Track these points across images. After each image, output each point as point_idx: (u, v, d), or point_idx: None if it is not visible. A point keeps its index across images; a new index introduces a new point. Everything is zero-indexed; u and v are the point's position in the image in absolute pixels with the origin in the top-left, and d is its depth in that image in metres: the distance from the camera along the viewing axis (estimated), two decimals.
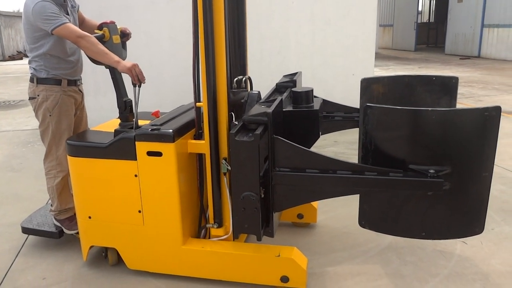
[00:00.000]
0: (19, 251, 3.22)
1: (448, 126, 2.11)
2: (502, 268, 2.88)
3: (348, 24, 6.65)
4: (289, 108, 2.77)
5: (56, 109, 2.93)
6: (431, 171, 2.18)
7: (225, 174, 2.69)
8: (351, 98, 6.99)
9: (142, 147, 2.58)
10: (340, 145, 5.64)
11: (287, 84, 3.07)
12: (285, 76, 3.27)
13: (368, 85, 3.00)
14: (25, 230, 3.22)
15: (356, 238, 3.27)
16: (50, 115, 2.93)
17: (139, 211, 2.70)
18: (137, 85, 2.69)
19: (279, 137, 2.44)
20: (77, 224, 2.96)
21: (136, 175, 2.63)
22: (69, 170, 2.84)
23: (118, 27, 3.01)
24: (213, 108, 2.55)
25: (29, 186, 4.48)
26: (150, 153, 2.57)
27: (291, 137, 2.51)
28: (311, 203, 3.33)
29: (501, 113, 2.10)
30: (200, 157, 2.80)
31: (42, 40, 2.83)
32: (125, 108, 2.89)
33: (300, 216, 3.36)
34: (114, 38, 2.92)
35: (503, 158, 4.93)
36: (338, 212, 3.69)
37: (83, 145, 2.74)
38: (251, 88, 3.05)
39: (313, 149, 2.38)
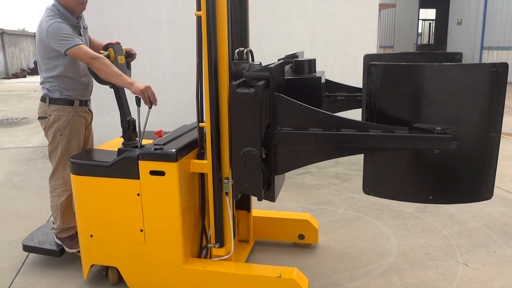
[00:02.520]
0: (20, 269, 3.20)
1: (454, 81, 2.05)
2: None
3: (348, 46, 6.72)
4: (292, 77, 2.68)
5: (67, 129, 2.96)
6: (438, 128, 2.10)
7: (227, 194, 2.70)
8: (351, 117, 7.04)
9: (145, 166, 2.60)
10: (341, 166, 5.65)
11: (290, 60, 3.00)
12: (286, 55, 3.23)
13: (371, 62, 2.96)
14: (26, 248, 3.21)
15: (358, 259, 3.26)
16: (61, 135, 2.95)
17: (141, 230, 2.70)
18: (148, 107, 2.71)
19: (281, 95, 2.37)
20: (78, 242, 2.96)
21: (138, 194, 2.65)
22: (72, 188, 2.85)
23: (123, 47, 3.06)
24: (215, 129, 2.57)
25: (30, 204, 4.48)
26: (153, 172, 2.59)
27: None
28: (312, 223, 3.33)
29: (501, 135, 2.12)
30: (202, 176, 2.82)
31: (56, 61, 2.87)
32: (129, 127, 2.92)
33: (301, 236, 3.35)
34: (119, 59, 2.96)
35: (504, 180, 4.94)
36: (339, 233, 3.69)
37: (86, 163, 2.76)
38: (253, 60, 3.03)
39: (312, 168, 2.39)
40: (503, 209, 4.14)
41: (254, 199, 3.39)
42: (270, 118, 2.41)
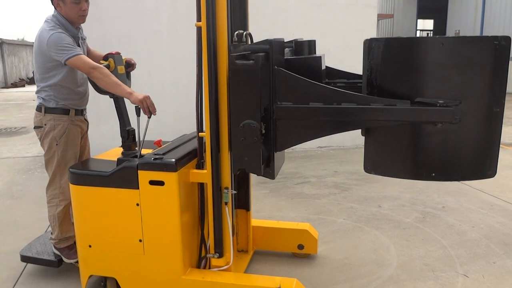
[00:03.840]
0: (17, 280, 3.18)
1: (456, 54, 2.03)
2: None
3: (347, 56, 6.74)
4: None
5: (63, 138, 2.95)
6: (440, 101, 2.08)
7: (226, 204, 2.69)
8: None
9: (144, 176, 2.59)
10: (340, 175, 5.65)
11: (289, 44, 2.95)
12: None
13: (371, 46, 2.95)
14: (24, 259, 3.19)
15: (357, 270, 3.24)
16: (56, 144, 2.95)
17: (140, 240, 2.69)
18: (147, 116, 2.71)
19: (281, 68, 2.34)
20: (76, 253, 2.95)
21: (137, 204, 2.64)
22: (71, 198, 2.84)
23: (123, 57, 3.07)
24: (215, 138, 2.57)
25: (29, 214, 4.46)
26: (152, 182, 2.59)
27: None
28: (311, 233, 3.32)
29: (501, 145, 2.12)
30: (202, 186, 2.81)
31: (54, 71, 2.88)
32: (128, 137, 2.92)
33: (300, 246, 3.34)
34: (119, 69, 2.97)
35: (504, 190, 4.94)
36: (339, 243, 3.68)
37: (85, 173, 2.75)
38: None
39: (312, 178, 2.37)
40: (502, 219, 4.14)
41: (253, 205, 3.38)
42: (270, 93, 2.37)
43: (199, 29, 2.50)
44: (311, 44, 2.70)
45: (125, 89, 2.76)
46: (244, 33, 2.71)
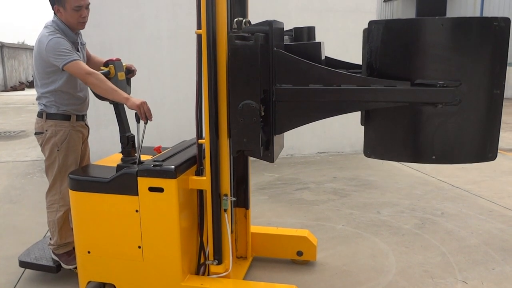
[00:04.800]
0: (15, 286, 3.17)
1: (456, 35, 2.04)
2: None
3: (347, 60, 6.78)
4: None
5: (64, 144, 2.96)
6: (441, 82, 2.08)
7: (225, 210, 2.70)
8: (350, 134, 7.07)
9: (144, 183, 2.60)
10: (339, 181, 5.66)
11: (289, 33, 2.92)
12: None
13: (371, 28, 2.92)
14: (22, 264, 3.19)
15: (356, 277, 3.24)
16: (58, 150, 2.95)
17: (139, 247, 2.69)
18: (143, 122, 2.72)
19: (281, 50, 2.34)
20: (75, 259, 2.94)
21: (137, 211, 2.64)
22: (70, 204, 2.84)
23: (123, 64, 3.08)
24: (215, 145, 2.58)
25: (27, 219, 4.45)
26: (151, 189, 2.59)
27: None
28: (311, 240, 3.32)
29: (499, 151, 2.12)
30: (201, 193, 2.82)
31: (54, 76, 2.88)
32: (128, 143, 2.93)
33: (299, 253, 3.34)
34: (120, 75, 2.98)
35: (502, 196, 4.95)
36: (338, 250, 3.68)
37: (85, 179, 2.76)
38: None
39: (311, 184, 2.37)
40: (501, 225, 4.14)
41: (252, 211, 3.39)
42: (269, 75, 2.37)
43: (199, 37, 2.52)
44: (311, 31, 2.69)
45: (121, 94, 2.77)
46: (244, 20, 2.68)
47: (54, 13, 2.90)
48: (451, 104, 2.12)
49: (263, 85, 2.40)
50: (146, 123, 2.72)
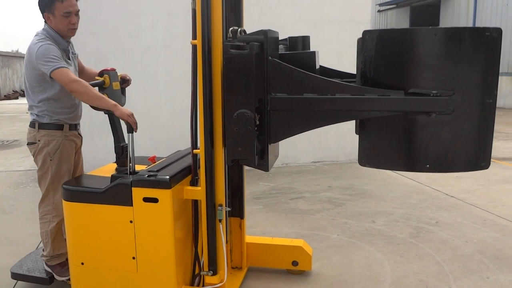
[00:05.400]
0: None
1: (448, 45, 2.06)
2: None
3: (341, 70, 6.81)
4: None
5: (57, 154, 2.94)
6: (434, 91, 2.10)
7: (220, 221, 2.69)
8: (345, 143, 7.09)
9: (138, 193, 2.58)
10: (334, 191, 5.66)
11: (283, 42, 2.94)
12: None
13: (365, 38, 2.94)
14: (15, 276, 3.15)
15: (352, 286, 3.23)
16: (50, 160, 2.94)
17: (133, 258, 2.67)
18: (131, 132, 2.73)
19: (276, 59, 2.35)
20: (68, 270, 2.92)
21: (131, 221, 2.63)
22: (64, 214, 2.82)
23: (118, 73, 3.08)
24: (209, 155, 2.58)
25: (20, 229, 4.42)
26: (146, 199, 2.58)
27: None
28: (306, 250, 3.32)
29: (492, 160, 2.13)
30: (196, 203, 2.81)
31: (46, 84, 2.86)
32: (122, 153, 2.92)
33: (295, 263, 3.33)
34: (114, 85, 2.98)
35: (496, 205, 4.97)
36: (333, 259, 3.67)
37: (79, 190, 2.74)
38: None
39: (306, 193, 2.37)
40: (495, 234, 4.15)
41: (247, 221, 3.38)
42: (264, 84, 2.38)
43: (194, 47, 2.52)
44: (306, 40, 2.71)
45: (108, 101, 2.76)
46: (239, 29, 2.70)
47: (45, 21, 2.90)
48: (444, 113, 2.14)
49: (258, 94, 2.41)
50: (131, 133, 2.73)
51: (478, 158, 2.24)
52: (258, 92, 2.40)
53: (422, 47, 2.12)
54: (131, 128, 2.73)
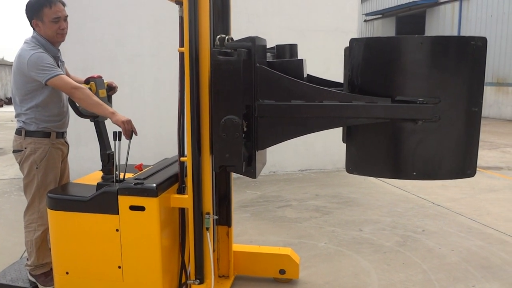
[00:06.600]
0: None
1: (435, 53, 2.09)
2: None
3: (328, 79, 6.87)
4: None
5: (43, 162, 2.91)
6: (420, 99, 2.12)
7: (207, 229, 2.67)
8: (332, 151, 7.12)
9: (124, 201, 2.56)
10: (322, 199, 5.67)
11: (271, 50, 2.93)
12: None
13: (352, 46, 2.96)
14: None
15: None
16: (36, 168, 2.90)
17: (119, 267, 2.64)
18: (126, 139, 2.70)
19: (263, 66, 2.35)
20: (53, 280, 2.87)
21: (117, 230, 2.60)
22: (49, 223, 2.79)
23: (104, 81, 3.06)
24: (197, 163, 2.57)
25: (4, 239, 4.34)
26: (132, 208, 2.56)
27: None
28: (293, 258, 3.31)
29: (477, 169, 2.15)
30: (183, 211, 2.79)
31: (34, 92, 2.84)
32: (108, 161, 2.90)
33: (282, 271, 3.32)
34: (101, 92, 2.96)
35: (481, 213, 5.02)
36: (320, 268, 3.67)
37: (64, 198, 2.71)
38: None
39: (293, 201, 2.37)
40: (480, 243, 4.19)
41: (235, 229, 3.36)
42: (252, 91, 2.38)
43: (181, 54, 2.53)
44: (293, 48, 2.73)
45: (107, 108, 2.76)
46: (226, 37, 2.70)
47: (33, 28, 2.88)
48: (430, 120, 2.16)
49: (246, 101, 2.42)
50: (129, 139, 2.71)
51: (464, 166, 2.26)
52: (245, 98, 2.41)
53: (409, 55, 2.16)
54: (119, 136, 2.71)
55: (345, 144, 2.46)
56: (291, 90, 2.36)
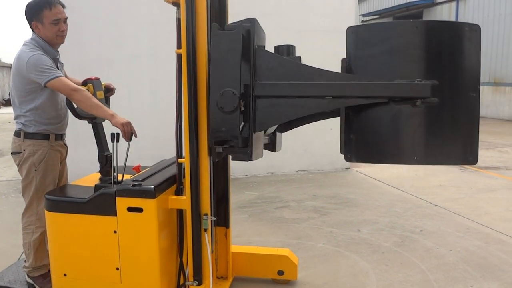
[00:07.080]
0: None
1: (430, 38, 2.10)
2: None
3: None
4: None
5: (42, 164, 2.90)
6: (418, 79, 2.12)
7: (205, 230, 2.67)
8: (330, 152, 7.13)
9: (122, 203, 2.56)
10: (320, 199, 5.67)
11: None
12: None
13: (349, 33, 2.97)
14: None
15: None
16: (35, 170, 2.90)
17: (117, 269, 2.64)
18: (126, 141, 2.70)
19: (262, 47, 2.35)
20: (51, 282, 2.87)
21: (115, 231, 2.60)
22: (46, 225, 2.78)
23: (102, 82, 3.06)
24: (195, 164, 2.57)
25: (1, 241, 4.32)
26: (130, 209, 2.56)
27: None
28: (291, 259, 3.31)
29: (475, 169, 2.15)
30: (181, 212, 2.79)
31: (34, 94, 2.84)
32: (106, 163, 2.90)
33: (280, 272, 3.32)
34: (98, 94, 2.96)
35: (479, 213, 5.03)
36: (319, 268, 3.67)
37: (61, 200, 2.71)
38: None
39: (291, 202, 2.36)
40: (478, 242, 4.20)
41: (233, 230, 3.36)
42: (250, 71, 2.37)
43: (179, 56, 2.53)
44: (291, 49, 2.73)
45: (107, 110, 2.76)
46: None
47: (32, 30, 2.88)
48: (429, 100, 2.14)
49: (244, 80, 2.38)
50: (128, 141, 2.70)
51: (465, 151, 2.25)
52: (244, 77, 2.38)
53: (404, 40, 2.16)
54: (117, 138, 2.71)
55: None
56: (289, 70, 2.35)
